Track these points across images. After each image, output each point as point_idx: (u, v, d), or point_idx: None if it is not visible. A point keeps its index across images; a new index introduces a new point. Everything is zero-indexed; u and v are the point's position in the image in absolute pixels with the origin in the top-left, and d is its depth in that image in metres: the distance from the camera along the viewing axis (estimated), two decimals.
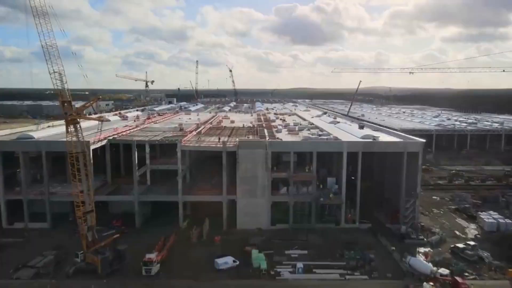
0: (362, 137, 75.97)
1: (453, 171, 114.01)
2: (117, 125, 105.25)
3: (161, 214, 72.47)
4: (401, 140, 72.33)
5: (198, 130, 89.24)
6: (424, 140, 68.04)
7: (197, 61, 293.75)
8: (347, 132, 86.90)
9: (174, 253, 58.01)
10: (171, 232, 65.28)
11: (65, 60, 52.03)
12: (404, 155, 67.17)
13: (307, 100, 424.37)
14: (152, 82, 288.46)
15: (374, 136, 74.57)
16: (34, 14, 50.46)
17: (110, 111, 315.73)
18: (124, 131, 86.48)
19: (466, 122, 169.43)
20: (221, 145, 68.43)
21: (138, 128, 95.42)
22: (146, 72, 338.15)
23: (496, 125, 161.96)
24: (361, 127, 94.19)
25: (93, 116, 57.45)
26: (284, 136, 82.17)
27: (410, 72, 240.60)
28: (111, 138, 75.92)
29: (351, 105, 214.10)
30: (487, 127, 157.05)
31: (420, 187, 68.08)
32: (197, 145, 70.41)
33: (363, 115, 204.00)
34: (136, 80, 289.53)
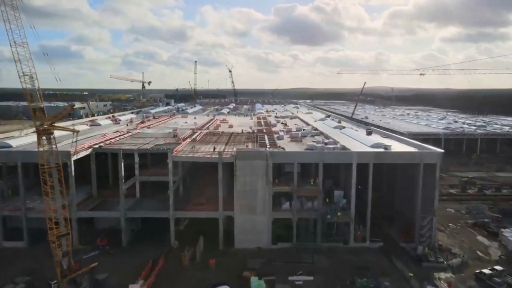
0: (372, 146, 69.26)
1: (465, 179, 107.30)
2: (108, 129, 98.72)
3: (152, 229, 66.03)
4: (417, 150, 65.44)
5: (193, 137, 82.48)
6: (442, 151, 61.34)
7: (195, 61, 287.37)
8: (354, 139, 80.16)
9: (162, 279, 51.39)
10: (162, 251, 59.00)
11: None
12: (420, 166, 60.45)
13: (307, 101, 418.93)
14: (149, 83, 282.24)
15: (386, 145, 67.80)
16: (2, 9, 44.13)
17: (108, 111, 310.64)
18: (113, 138, 79.80)
19: (475, 125, 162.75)
20: (217, 156, 61.65)
21: (129, 134, 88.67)
22: (143, 73, 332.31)
23: (507, 128, 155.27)
24: (369, 133, 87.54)
25: (67, 126, 50.70)
26: (286, 143, 75.47)
27: (420, 74, 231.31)
28: (96, 146, 69.14)
29: (355, 107, 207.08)
30: (498, 131, 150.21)
31: (437, 202, 61.39)
32: (190, 155, 63.68)
33: (366, 117, 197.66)
34: (132, 81, 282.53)
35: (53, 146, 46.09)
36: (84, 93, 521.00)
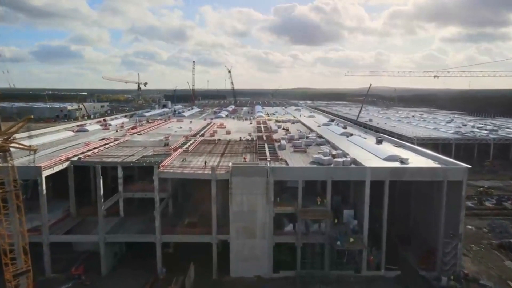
0: (386, 159, 61.38)
1: (481, 189, 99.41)
2: (95, 136, 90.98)
3: (139, 252, 58.06)
4: (438, 164, 57.37)
5: (186, 146, 74.57)
6: (469, 166, 53.40)
7: (193, 61, 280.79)
8: (364, 149, 72.24)
9: None
10: (147, 281, 51.31)
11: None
12: (443, 184, 52.62)
13: (308, 102, 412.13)
14: (145, 84, 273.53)
15: (402, 158, 59.85)
16: None
17: (105, 113, 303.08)
18: (97, 147, 72.06)
19: (486, 129, 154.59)
20: (209, 171, 53.81)
21: (117, 142, 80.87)
22: (139, 74, 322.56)
23: None
24: (379, 142, 79.59)
25: (23, 142, 42.86)
26: (289, 154, 67.58)
27: (434, 76, 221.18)
28: (75, 159, 61.35)
29: (360, 111, 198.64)
30: (511, 136, 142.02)
31: (463, 225, 53.56)
32: (179, 171, 55.69)
33: (370, 120, 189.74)
34: (126, 82, 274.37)
35: (9, 165, 38.19)
36: (83, 93, 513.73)
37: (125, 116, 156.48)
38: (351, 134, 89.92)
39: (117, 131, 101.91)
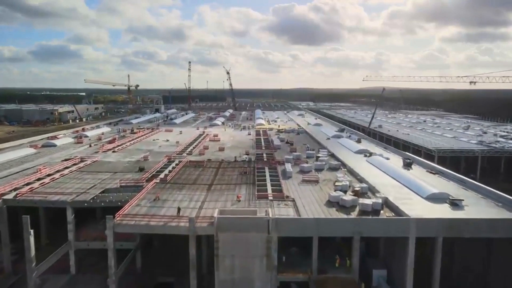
0: (430, 198, 45.39)
1: None
2: (62, 153, 75.69)
3: None
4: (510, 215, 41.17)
5: (165, 172, 58.65)
6: None
7: (189, 62, 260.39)
8: (392, 177, 56.45)
9: None
10: None
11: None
12: None
13: (310, 104, 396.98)
14: (137, 86, 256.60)
15: (453, 199, 43.86)
16: None
17: (99, 115, 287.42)
18: (51, 174, 56.67)
19: (511, 138, 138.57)
20: (186, 223, 38.09)
21: (82, 164, 65.38)
22: (129, 76, 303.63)
23: None
24: (408, 164, 64.04)
25: None
26: (296, 187, 51.92)
27: (470, 82, 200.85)
28: (11, 195, 45.81)
29: (373, 117, 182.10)
30: None
31: None
32: (143, 222, 39.58)
33: (381, 126, 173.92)
34: (114, 86, 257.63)
35: None
36: (81, 93, 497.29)
37: (109, 124, 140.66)
38: (370, 154, 73.87)
39: (90, 145, 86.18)
